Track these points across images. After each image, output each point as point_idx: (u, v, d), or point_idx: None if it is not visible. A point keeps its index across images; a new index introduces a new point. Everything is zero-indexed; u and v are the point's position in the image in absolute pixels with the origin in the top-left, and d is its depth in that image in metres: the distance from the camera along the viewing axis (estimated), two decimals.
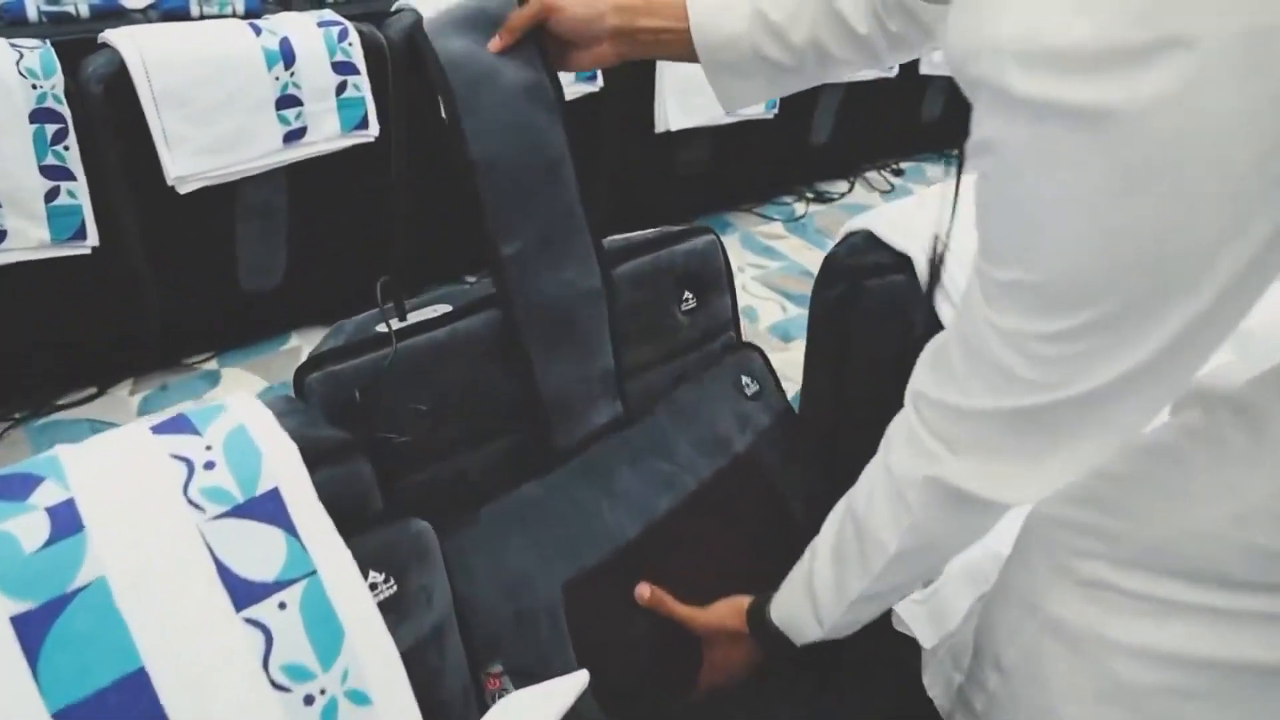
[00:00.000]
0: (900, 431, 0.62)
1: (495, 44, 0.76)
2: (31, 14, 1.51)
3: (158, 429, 0.61)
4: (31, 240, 1.43)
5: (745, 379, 0.97)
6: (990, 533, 0.97)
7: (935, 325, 0.94)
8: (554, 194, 0.79)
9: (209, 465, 0.59)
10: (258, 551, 0.57)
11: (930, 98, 3.01)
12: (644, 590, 0.84)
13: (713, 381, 0.96)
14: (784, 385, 1.01)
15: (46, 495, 0.55)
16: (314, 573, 0.58)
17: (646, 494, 0.86)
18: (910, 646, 0.88)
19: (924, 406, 0.59)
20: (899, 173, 3.10)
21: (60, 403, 1.65)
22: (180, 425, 0.62)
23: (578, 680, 0.66)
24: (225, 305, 1.77)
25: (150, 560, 0.54)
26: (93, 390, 1.69)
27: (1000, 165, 0.45)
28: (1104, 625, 0.61)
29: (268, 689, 0.55)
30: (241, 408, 0.64)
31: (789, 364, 1.91)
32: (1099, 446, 0.52)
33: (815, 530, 0.90)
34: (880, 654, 0.87)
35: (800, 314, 2.14)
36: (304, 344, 1.89)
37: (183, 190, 1.53)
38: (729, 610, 0.81)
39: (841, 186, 2.91)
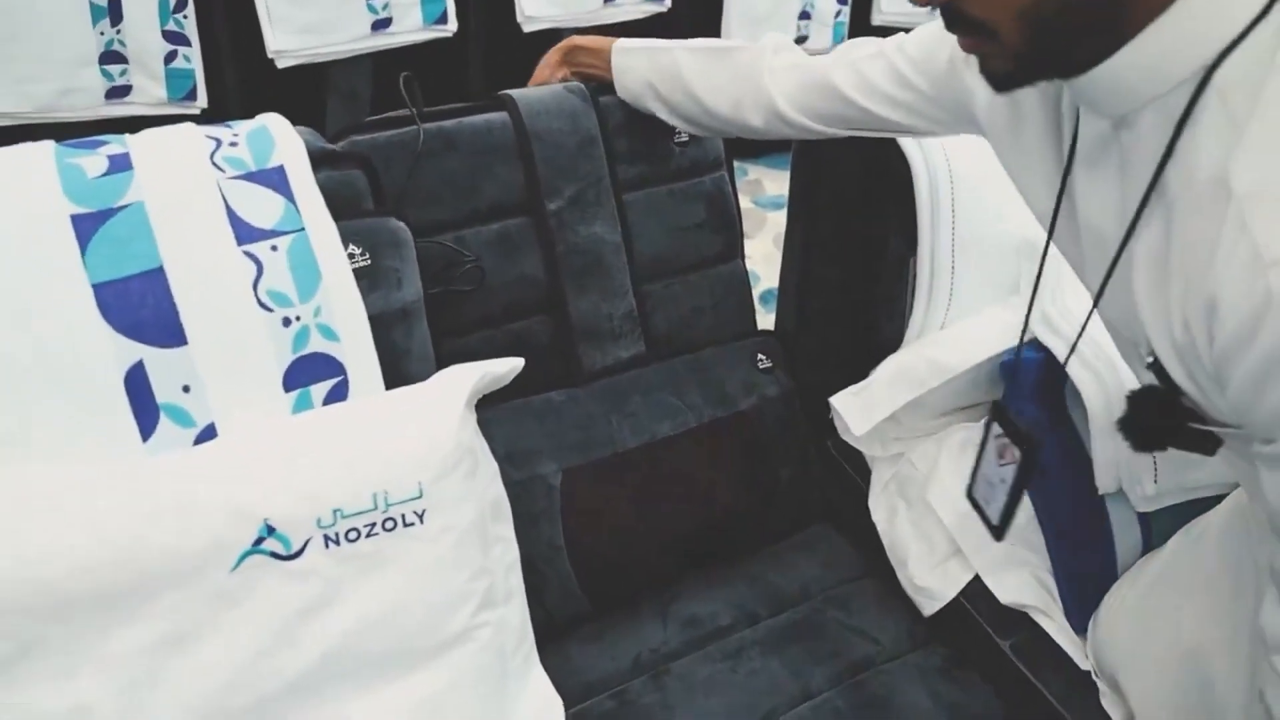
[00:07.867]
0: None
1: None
2: None
3: (200, 124, 0.77)
4: (151, 97, 1.65)
5: (761, 356, 1.10)
6: (925, 341, 1.03)
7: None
8: (588, 165, 1.00)
9: (233, 143, 0.74)
10: (261, 207, 0.71)
11: None
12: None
13: (733, 351, 1.09)
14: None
15: (109, 149, 0.71)
16: (302, 229, 0.72)
17: (651, 419, 1.01)
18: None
19: None
20: None
21: None
22: (218, 124, 0.77)
23: (514, 363, 0.78)
24: None
25: (179, 197, 0.69)
26: None
27: None
28: None
29: (255, 306, 0.69)
30: (269, 118, 0.79)
31: None
32: None
33: (797, 488, 1.03)
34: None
35: None
36: None
37: (281, 64, 1.72)
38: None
39: None
